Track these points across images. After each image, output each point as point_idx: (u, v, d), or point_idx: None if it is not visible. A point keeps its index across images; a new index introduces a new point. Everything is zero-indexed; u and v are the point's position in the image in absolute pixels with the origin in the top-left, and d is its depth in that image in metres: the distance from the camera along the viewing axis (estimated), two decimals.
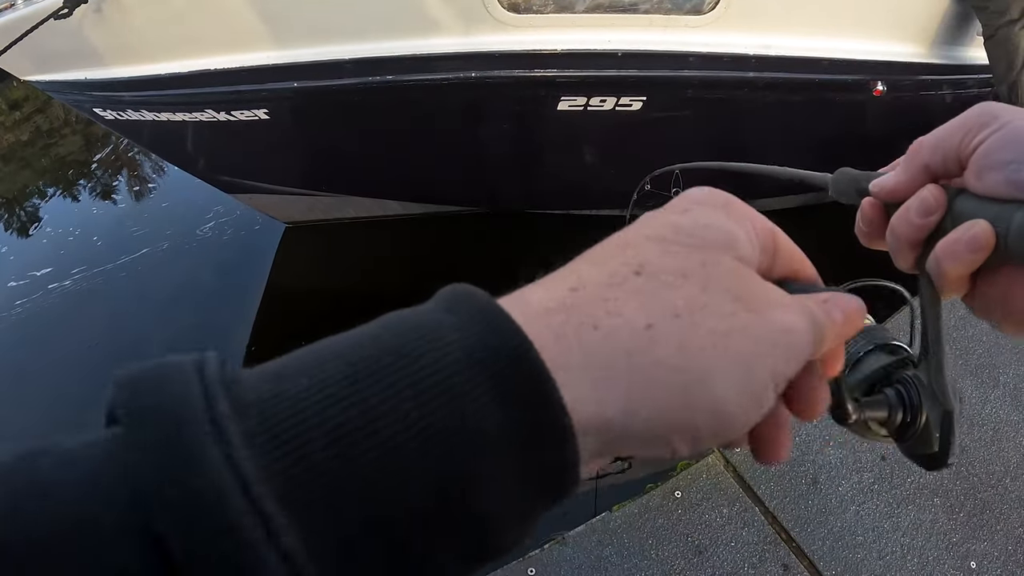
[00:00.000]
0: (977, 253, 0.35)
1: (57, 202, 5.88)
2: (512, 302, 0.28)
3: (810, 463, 2.36)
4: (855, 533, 2.34)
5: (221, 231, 4.49)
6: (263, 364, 0.26)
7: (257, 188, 3.70)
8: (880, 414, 0.53)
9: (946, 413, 0.48)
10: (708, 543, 2.16)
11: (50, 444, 0.22)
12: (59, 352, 3.95)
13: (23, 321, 4.24)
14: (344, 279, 3.96)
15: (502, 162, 3.30)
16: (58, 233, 5.25)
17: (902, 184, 0.40)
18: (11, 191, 6.33)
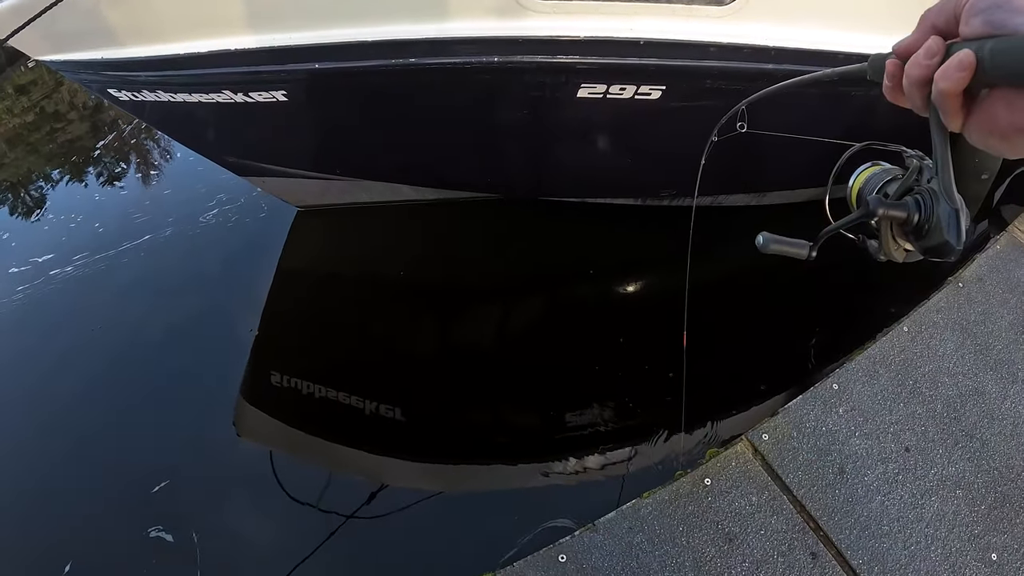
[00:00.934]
0: (963, 71, 0.47)
1: (60, 188, 5.82)
2: None
3: (836, 452, 2.35)
4: (881, 523, 2.33)
5: (225, 218, 4.44)
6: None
7: (271, 171, 3.64)
8: (901, 214, 0.72)
9: (953, 211, 0.66)
10: (738, 531, 2.14)
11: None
12: (61, 336, 3.90)
13: (24, 306, 4.19)
14: (355, 264, 3.93)
15: (519, 148, 3.26)
16: (60, 219, 5.20)
17: (914, 40, 0.53)
18: (15, 176, 6.27)
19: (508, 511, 2.56)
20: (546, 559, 2.03)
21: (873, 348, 2.57)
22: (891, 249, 0.79)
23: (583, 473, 2.65)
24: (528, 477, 2.73)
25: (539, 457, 2.76)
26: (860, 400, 2.46)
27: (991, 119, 0.48)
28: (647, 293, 3.59)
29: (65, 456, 3.37)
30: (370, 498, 2.70)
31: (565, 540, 2.05)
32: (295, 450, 3.13)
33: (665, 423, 2.68)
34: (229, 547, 2.84)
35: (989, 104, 0.48)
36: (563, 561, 2.03)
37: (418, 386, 3.21)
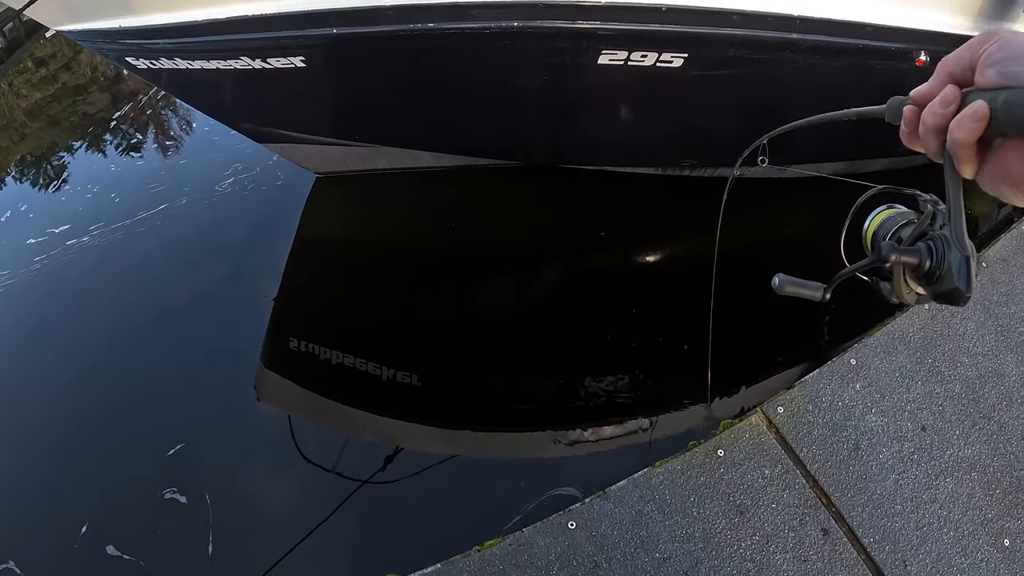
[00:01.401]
0: (977, 122, 0.48)
1: (77, 160, 5.87)
2: None
3: (852, 428, 2.33)
4: (894, 502, 2.31)
5: (241, 186, 4.45)
6: None
7: (289, 137, 3.64)
8: (913, 260, 0.74)
9: (964, 258, 0.67)
10: (750, 503, 2.13)
11: None
12: (79, 303, 3.95)
13: (43, 276, 4.24)
14: (374, 231, 3.93)
15: (539, 115, 3.23)
16: (76, 191, 5.25)
17: (932, 88, 0.55)
18: (33, 149, 6.33)
19: (517, 477, 2.57)
20: (555, 526, 2.03)
21: (892, 324, 2.53)
22: (903, 293, 0.82)
23: (595, 442, 2.65)
24: (540, 444, 2.73)
25: (551, 424, 2.76)
26: (877, 376, 2.43)
27: (1003, 168, 0.50)
28: (664, 264, 3.56)
29: (82, 420, 3.43)
30: (385, 463, 2.72)
31: (575, 507, 2.06)
32: (312, 414, 3.16)
33: (679, 394, 2.67)
34: (242, 509, 2.88)
35: (1002, 154, 0.50)
36: (572, 528, 2.04)
37: (434, 352, 3.22)
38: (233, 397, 3.28)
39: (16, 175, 6.00)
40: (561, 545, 2.02)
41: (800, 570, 2.12)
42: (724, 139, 3.33)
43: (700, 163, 3.52)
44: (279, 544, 2.59)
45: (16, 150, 6.38)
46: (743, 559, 2.08)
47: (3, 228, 5.04)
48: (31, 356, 3.83)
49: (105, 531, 2.95)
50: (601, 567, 2.00)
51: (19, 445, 3.43)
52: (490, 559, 2.01)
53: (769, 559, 2.10)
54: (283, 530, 2.67)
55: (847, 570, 2.18)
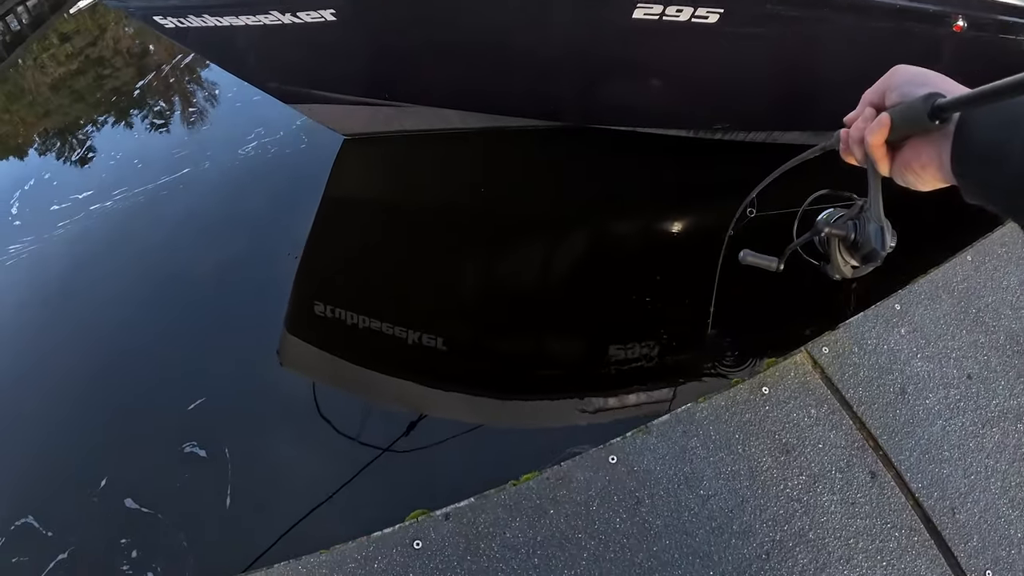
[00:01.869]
0: (882, 127, 0.69)
1: (99, 129, 5.91)
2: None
3: (898, 372, 2.26)
4: (941, 448, 2.23)
5: (264, 150, 4.45)
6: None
7: (317, 97, 3.61)
8: (841, 232, 0.96)
9: (879, 227, 0.89)
10: (796, 442, 2.05)
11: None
12: (102, 265, 3.94)
13: (66, 240, 4.24)
14: (401, 193, 3.90)
15: (570, 71, 3.18)
16: (100, 158, 5.29)
17: (856, 113, 0.75)
18: (55, 121, 6.37)
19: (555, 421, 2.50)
20: (596, 460, 1.96)
21: (936, 273, 2.47)
22: (840, 265, 1.00)
23: (637, 379, 2.58)
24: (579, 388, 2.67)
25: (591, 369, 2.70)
26: (922, 323, 2.36)
27: (904, 160, 0.70)
28: (702, 215, 3.48)
29: (103, 377, 3.39)
30: (411, 419, 2.65)
31: (616, 441, 1.99)
32: (336, 376, 3.11)
33: (720, 332, 2.60)
34: (263, 461, 2.83)
35: (903, 151, 0.70)
36: (613, 462, 1.97)
37: (466, 312, 3.16)
38: (255, 355, 3.23)
39: (40, 145, 6.05)
40: (602, 480, 1.95)
41: (848, 512, 2.05)
42: (758, 102, 3.29)
43: (732, 127, 3.46)
44: (302, 491, 2.54)
45: (40, 122, 6.43)
46: (790, 499, 2.01)
47: (27, 195, 5.06)
48: (54, 317, 3.83)
49: (124, 484, 2.91)
50: (643, 503, 1.93)
51: (41, 402, 3.40)
52: (526, 493, 1.95)
53: (816, 500, 2.03)
54: (306, 477, 2.62)
55: (895, 515, 2.10)
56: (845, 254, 0.98)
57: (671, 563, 1.90)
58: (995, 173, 0.60)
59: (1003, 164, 0.59)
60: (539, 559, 1.90)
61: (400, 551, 1.96)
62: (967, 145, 0.63)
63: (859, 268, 0.99)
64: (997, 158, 0.60)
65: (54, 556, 2.86)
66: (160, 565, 2.68)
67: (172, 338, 3.44)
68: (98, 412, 3.24)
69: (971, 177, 0.64)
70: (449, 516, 1.95)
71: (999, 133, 0.60)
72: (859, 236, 0.94)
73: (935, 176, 0.68)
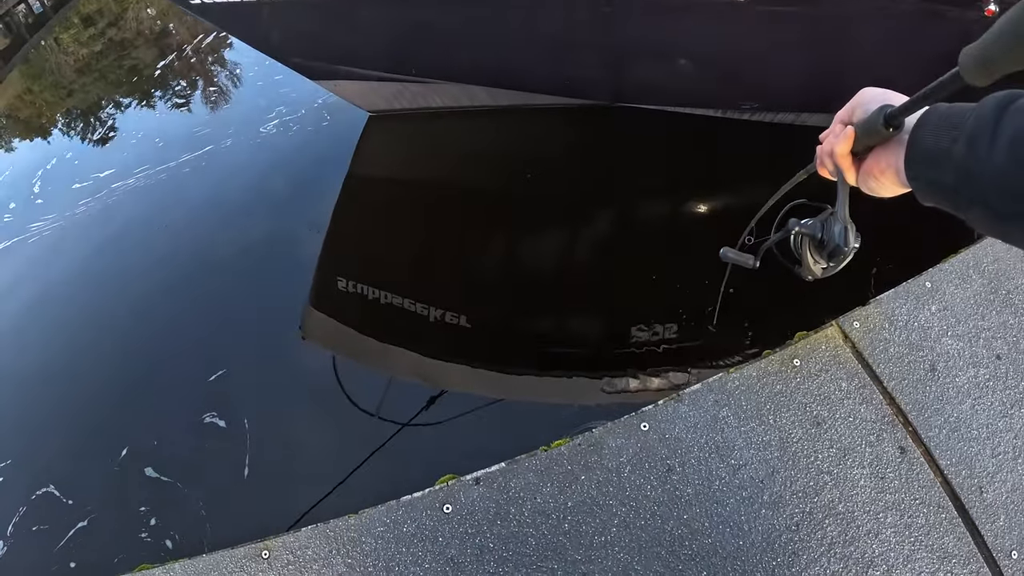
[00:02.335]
0: (847, 139, 0.78)
1: (121, 110, 5.99)
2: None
3: (928, 349, 2.25)
4: (970, 427, 2.22)
5: (286, 128, 4.48)
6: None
7: (344, 73, 3.60)
8: (809, 232, 1.04)
9: (843, 227, 0.98)
10: (827, 415, 2.05)
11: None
12: (125, 240, 3.97)
13: (88, 217, 4.28)
14: (425, 171, 3.90)
15: (600, 48, 3.17)
16: (121, 138, 5.36)
17: (829, 131, 0.84)
18: (77, 102, 6.43)
19: (586, 389, 2.50)
20: (627, 427, 1.96)
21: (967, 253, 2.45)
22: (811, 264, 1.07)
23: (668, 350, 2.58)
24: (610, 357, 2.66)
25: (621, 338, 2.69)
26: (952, 301, 2.35)
27: (867, 168, 0.78)
28: (731, 191, 3.46)
29: (127, 350, 3.41)
30: (445, 391, 2.65)
31: (648, 408, 1.99)
32: (360, 351, 3.12)
33: (752, 304, 2.59)
34: (285, 435, 2.83)
35: (866, 160, 0.78)
36: (645, 430, 1.97)
37: (496, 287, 3.16)
38: (275, 327, 3.24)
39: (62, 126, 6.12)
40: (633, 447, 1.95)
41: (877, 487, 2.04)
42: (786, 82, 3.27)
43: (760, 107, 3.45)
44: (329, 460, 2.55)
45: (61, 103, 6.49)
46: (820, 471, 2.00)
47: (49, 175, 5.11)
48: (76, 293, 3.87)
49: (144, 454, 2.93)
50: (675, 471, 1.93)
51: (65, 373, 3.43)
52: (557, 458, 1.95)
53: (846, 473, 2.02)
54: (332, 446, 2.62)
55: (924, 491, 2.09)
56: (815, 254, 1.06)
57: (701, 531, 1.90)
58: (941, 173, 0.65)
59: (946, 165, 0.64)
60: (569, 525, 1.90)
61: (430, 515, 1.96)
62: (916, 150, 0.69)
63: (828, 268, 1.06)
64: (941, 159, 0.65)
65: (74, 524, 2.88)
66: (178, 532, 2.69)
67: (194, 309, 3.46)
68: (121, 384, 3.27)
69: (921, 179, 0.69)
70: (480, 481, 1.95)
71: (942, 137, 0.65)
72: (825, 235, 1.02)
73: (893, 181, 0.75)
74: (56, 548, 2.81)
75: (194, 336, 3.36)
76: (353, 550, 1.99)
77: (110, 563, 2.64)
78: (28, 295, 3.99)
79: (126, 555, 2.67)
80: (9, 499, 3.07)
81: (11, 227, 4.65)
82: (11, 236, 4.52)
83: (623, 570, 1.86)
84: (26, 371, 3.55)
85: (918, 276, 2.34)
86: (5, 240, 4.53)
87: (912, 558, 2.02)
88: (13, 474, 3.17)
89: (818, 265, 1.06)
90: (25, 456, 3.19)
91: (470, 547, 1.91)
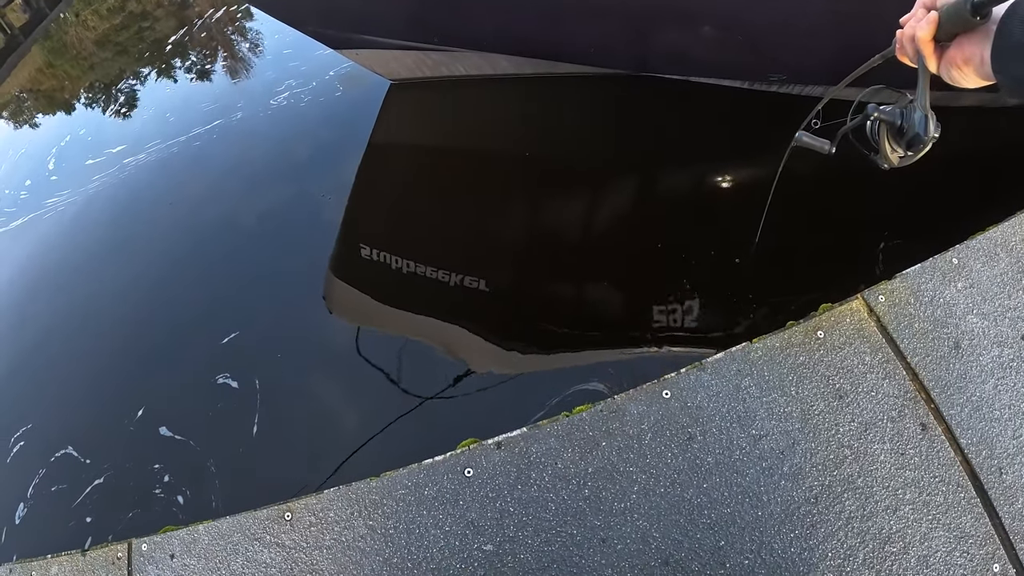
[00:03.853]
0: (930, 24, 0.75)
1: (132, 85, 6.02)
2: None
3: (952, 327, 2.23)
4: (993, 407, 2.21)
5: (297, 100, 4.50)
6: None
7: (366, 42, 3.59)
8: (888, 117, 1.03)
9: (923, 115, 0.97)
10: (849, 388, 2.04)
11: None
12: (139, 212, 4.01)
13: (101, 192, 4.33)
14: (448, 139, 3.89)
15: (625, 15, 3.12)
16: (132, 113, 5.39)
17: (911, 14, 0.80)
18: (90, 78, 6.48)
19: (610, 355, 2.51)
20: (649, 394, 1.97)
21: (995, 231, 2.42)
22: (888, 153, 1.05)
23: (691, 318, 2.58)
24: (633, 322, 2.66)
25: (643, 306, 2.69)
26: (979, 279, 2.33)
27: (949, 57, 0.75)
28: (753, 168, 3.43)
29: (142, 315, 3.45)
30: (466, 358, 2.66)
31: (670, 376, 1.99)
32: (382, 318, 3.14)
33: (776, 274, 2.58)
34: (294, 394, 2.89)
35: (949, 49, 0.75)
36: (667, 397, 1.97)
37: (520, 255, 3.16)
38: (287, 291, 3.28)
39: (75, 103, 6.16)
40: (655, 414, 1.95)
41: (897, 463, 2.04)
42: (814, 53, 3.21)
43: (788, 79, 3.39)
44: (351, 425, 2.57)
45: (76, 80, 6.54)
46: (840, 444, 2.00)
47: (63, 151, 5.17)
48: (93, 264, 3.92)
49: (159, 414, 2.99)
50: (696, 439, 1.94)
51: (81, 339, 3.47)
52: (579, 424, 1.95)
53: (867, 448, 2.02)
54: (355, 411, 2.65)
55: (943, 469, 2.09)
56: (892, 142, 1.04)
57: (720, 501, 1.91)
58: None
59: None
60: (589, 490, 1.91)
61: (451, 479, 1.98)
62: (1004, 41, 0.66)
63: (905, 157, 1.04)
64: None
65: (91, 482, 2.94)
66: (202, 494, 2.73)
67: (208, 276, 3.50)
68: (135, 348, 3.31)
69: (1007, 73, 0.66)
70: (501, 445, 1.96)
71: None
72: (905, 122, 1.00)
73: (976, 72, 0.72)
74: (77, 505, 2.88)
75: (214, 300, 3.41)
76: (375, 512, 2.01)
77: (136, 520, 2.72)
78: (43, 267, 4.05)
79: (155, 515, 2.73)
80: (29, 462, 3.14)
81: (28, 203, 4.73)
82: (28, 212, 4.59)
83: (642, 537, 1.88)
84: (46, 339, 3.60)
85: (944, 252, 2.32)
86: (23, 215, 4.60)
87: (929, 536, 2.02)
88: (35, 438, 3.24)
89: (895, 153, 1.04)
90: (47, 418, 3.25)
91: (490, 511, 1.93)
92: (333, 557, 1.99)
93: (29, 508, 3.02)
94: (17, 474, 3.05)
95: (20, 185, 5.04)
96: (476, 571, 1.88)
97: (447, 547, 1.91)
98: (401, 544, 1.95)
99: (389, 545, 1.95)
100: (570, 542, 1.86)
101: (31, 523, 2.98)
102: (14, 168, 5.39)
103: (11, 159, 5.59)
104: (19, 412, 3.32)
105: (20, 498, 3.00)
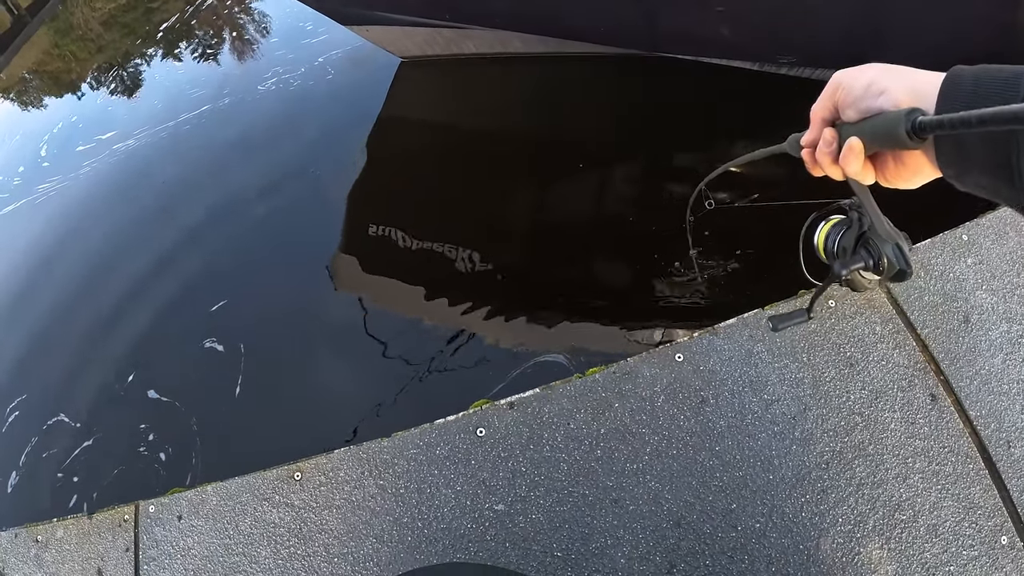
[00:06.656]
0: (857, 155, 0.64)
1: (120, 72, 6.09)
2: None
3: (963, 301, 2.24)
4: (1001, 381, 2.22)
5: (285, 84, 4.56)
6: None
7: (376, 18, 3.59)
8: (860, 265, 1.00)
9: (895, 245, 0.96)
10: (860, 357, 2.05)
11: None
12: (130, 192, 4.03)
13: (92, 177, 4.37)
14: (457, 117, 3.90)
15: None
16: (119, 100, 5.46)
17: (813, 135, 0.71)
18: (79, 66, 6.52)
19: (625, 319, 2.52)
20: (662, 356, 1.97)
21: (1005, 210, 2.44)
22: (866, 285, 1.08)
23: (704, 284, 2.58)
24: (645, 288, 2.67)
25: (656, 274, 2.69)
26: (989, 256, 2.34)
27: (890, 172, 0.67)
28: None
29: (132, 287, 3.47)
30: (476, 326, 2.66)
31: (683, 340, 2.00)
32: (391, 292, 3.15)
33: (787, 245, 2.58)
34: (270, 363, 2.90)
35: (885, 161, 0.67)
36: (680, 360, 1.98)
37: (527, 227, 3.16)
38: (310, 264, 3.29)
39: (64, 91, 6.22)
40: (667, 377, 1.96)
41: (907, 432, 2.05)
42: (826, 35, 3.21)
43: (799, 61, 3.38)
44: (363, 389, 2.57)
45: (66, 68, 6.58)
46: (851, 412, 2.01)
47: (55, 138, 5.23)
48: (84, 239, 3.93)
49: (148, 378, 3.02)
50: (708, 403, 1.94)
51: (73, 311, 3.50)
52: (592, 385, 1.96)
53: (877, 415, 2.03)
54: (367, 377, 2.65)
55: (952, 440, 2.10)
56: (867, 275, 1.04)
57: (732, 464, 1.91)
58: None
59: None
60: (602, 451, 1.91)
61: (463, 438, 1.98)
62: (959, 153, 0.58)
63: (882, 281, 1.05)
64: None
65: (80, 443, 2.97)
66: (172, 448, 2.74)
67: (198, 248, 3.53)
68: (125, 319, 3.33)
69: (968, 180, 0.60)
70: (514, 405, 1.96)
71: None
72: (877, 260, 0.97)
73: (930, 176, 0.65)
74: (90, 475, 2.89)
75: (198, 268, 3.45)
76: (385, 472, 2.01)
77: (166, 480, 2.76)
78: (37, 249, 4.11)
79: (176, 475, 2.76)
80: (23, 430, 3.15)
81: (20, 189, 4.77)
82: (20, 197, 4.63)
83: (653, 498, 1.88)
84: (43, 310, 3.62)
85: (955, 228, 2.34)
86: (16, 201, 4.65)
87: (938, 505, 2.02)
88: (27, 408, 3.25)
89: (872, 283, 1.06)
90: (41, 383, 3.27)
91: (502, 470, 1.93)
92: (343, 516, 1.99)
93: (21, 475, 3.03)
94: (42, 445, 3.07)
95: (13, 172, 5.11)
96: (487, 531, 1.88)
97: (458, 506, 1.91)
98: (412, 503, 1.95)
99: (400, 504, 1.95)
100: (582, 502, 1.87)
101: (24, 486, 2.99)
102: (8, 155, 5.46)
103: (9, 145, 5.65)
104: (15, 385, 3.34)
105: (29, 465, 3.01)
